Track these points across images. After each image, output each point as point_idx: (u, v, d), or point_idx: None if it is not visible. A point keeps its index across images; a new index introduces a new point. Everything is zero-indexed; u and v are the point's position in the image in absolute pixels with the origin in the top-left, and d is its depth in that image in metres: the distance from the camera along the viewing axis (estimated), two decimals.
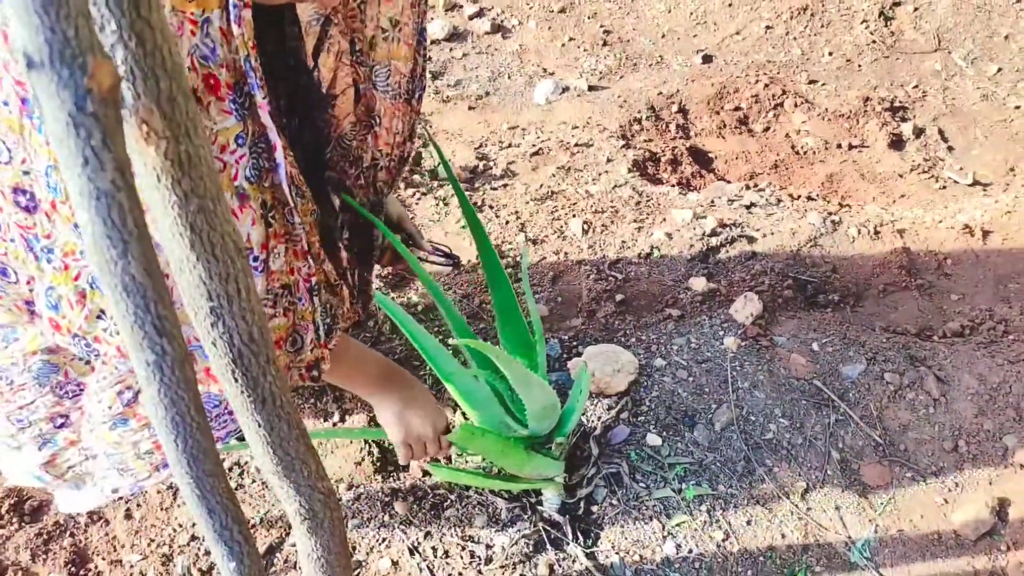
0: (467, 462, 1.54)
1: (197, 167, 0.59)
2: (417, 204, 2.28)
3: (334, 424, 1.58)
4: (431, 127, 2.75)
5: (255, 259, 0.92)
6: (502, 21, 3.48)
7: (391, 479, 1.50)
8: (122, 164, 0.49)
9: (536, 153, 2.61)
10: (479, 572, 1.34)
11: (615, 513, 1.44)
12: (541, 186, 2.39)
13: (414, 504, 1.45)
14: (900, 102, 3.14)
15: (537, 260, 2.06)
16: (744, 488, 1.48)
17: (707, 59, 3.40)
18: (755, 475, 1.49)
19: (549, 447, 1.39)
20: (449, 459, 1.55)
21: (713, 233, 2.10)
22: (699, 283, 1.90)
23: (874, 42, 3.42)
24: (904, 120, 3.07)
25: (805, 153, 3.02)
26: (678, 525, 1.43)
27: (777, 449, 1.53)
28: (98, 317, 0.86)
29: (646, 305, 1.89)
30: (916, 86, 3.23)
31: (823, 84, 3.29)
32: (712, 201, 2.30)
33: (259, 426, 0.82)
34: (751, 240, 2.10)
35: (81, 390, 1.11)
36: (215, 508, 0.81)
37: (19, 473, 1.17)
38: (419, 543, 1.39)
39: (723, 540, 1.41)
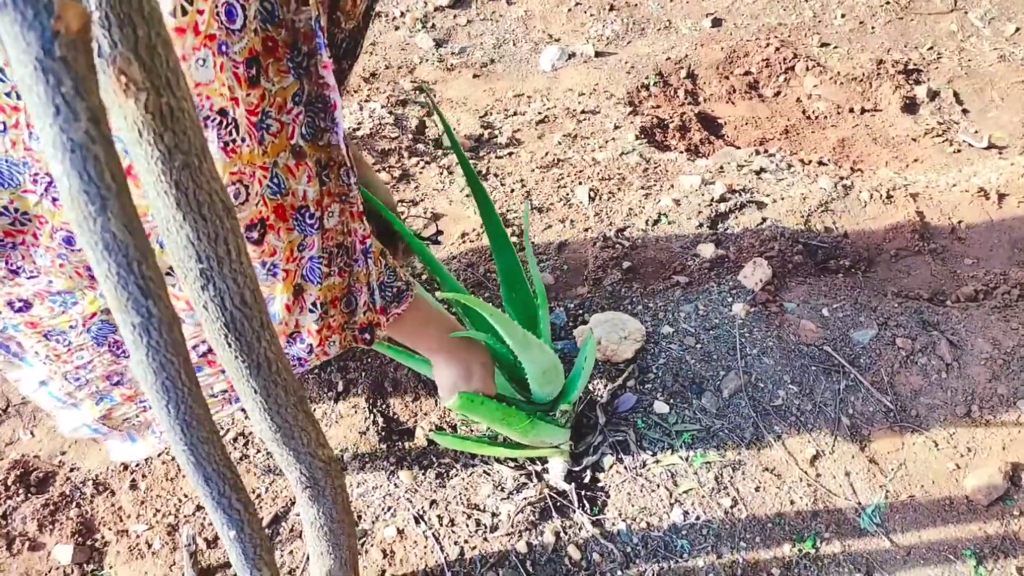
0: (472, 431, 1.53)
1: (180, 121, 0.56)
2: (421, 173, 2.25)
3: (338, 395, 1.57)
4: (435, 96, 2.72)
5: (311, 216, 0.92)
6: None
7: (396, 448, 1.50)
8: (96, 114, 0.46)
9: (542, 121, 2.57)
10: (485, 540, 1.34)
11: (622, 480, 1.43)
12: (547, 154, 2.35)
13: (419, 473, 1.44)
14: (914, 64, 3.07)
15: (543, 228, 2.03)
16: (753, 455, 1.46)
17: (716, 23, 3.33)
18: (764, 441, 1.48)
19: (554, 415, 1.38)
20: (454, 428, 1.54)
21: (722, 199, 2.06)
22: (707, 249, 1.87)
23: (888, 3, 3.34)
24: (918, 83, 3.00)
25: (816, 118, 2.96)
26: (686, 492, 1.41)
27: (786, 415, 1.52)
28: (167, 274, 0.87)
29: (653, 272, 1.86)
30: (931, 48, 3.15)
31: (835, 47, 3.21)
32: (721, 167, 2.26)
33: (255, 392, 0.81)
34: (760, 206, 2.06)
35: None
36: (211, 476, 0.80)
37: (75, 426, 1.16)
38: (424, 512, 1.39)
39: (731, 507, 1.39)
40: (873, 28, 3.27)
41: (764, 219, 2.00)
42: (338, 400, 1.56)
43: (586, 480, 1.44)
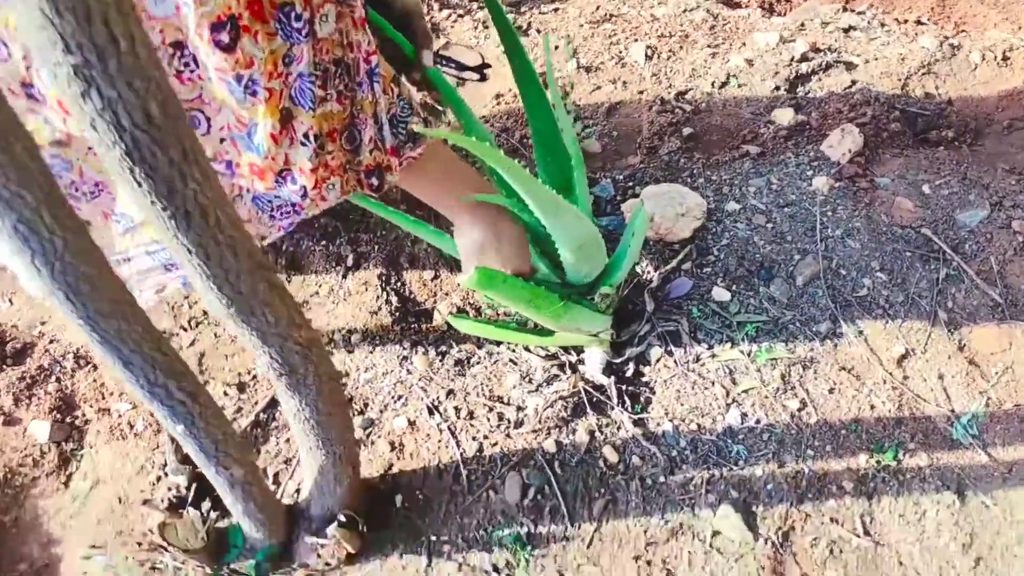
0: (498, 315, 1.33)
1: None
2: (453, 27, 1.97)
3: (347, 270, 1.38)
4: None
5: (297, 17, 0.72)
6: None
7: (411, 330, 1.31)
8: None
9: None
10: (507, 436, 1.16)
11: (670, 376, 1.22)
12: (598, 8, 2.04)
13: (436, 359, 1.26)
14: None
15: (591, 90, 1.75)
16: (828, 351, 1.23)
17: None
18: (842, 337, 1.25)
19: (593, 299, 1.16)
20: (479, 311, 1.34)
21: (803, 58, 1.75)
22: (785, 115, 1.58)
23: None
24: None
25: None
26: (745, 392, 1.20)
27: (871, 308, 1.27)
28: None
29: (718, 141, 1.59)
30: None
31: None
32: (802, 24, 1.92)
33: (190, 253, 0.60)
34: (850, 67, 1.74)
35: (101, 191, 0.91)
36: (132, 359, 0.60)
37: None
38: (440, 402, 1.21)
39: (799, 410, 1.18)
40: None
41: (853, 82, 1.69)
42: (347, 275, 1.37)
43: (628, 374, 1.24)
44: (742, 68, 1.75)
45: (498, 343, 1.27)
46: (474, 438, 1.17)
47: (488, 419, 1.18)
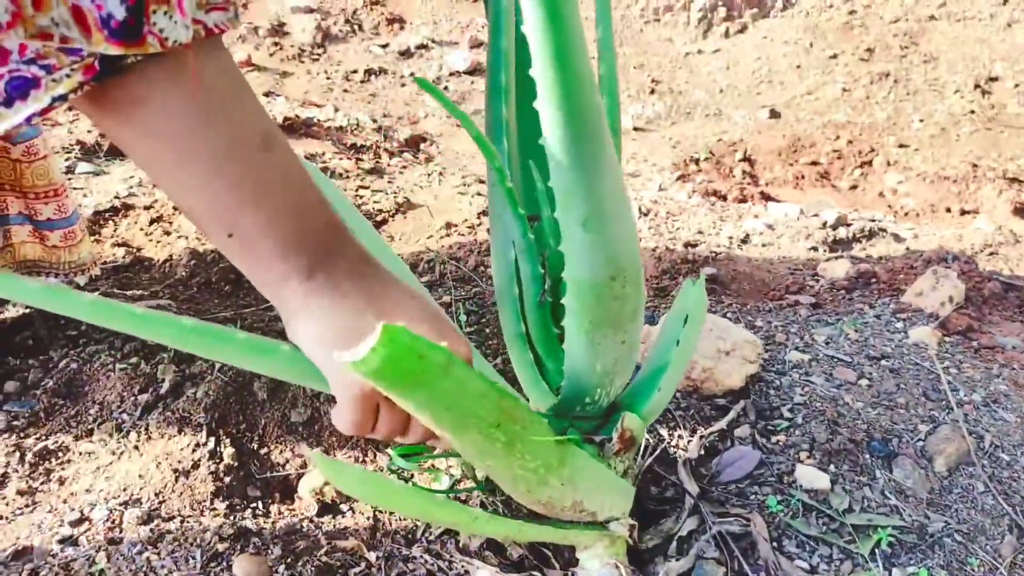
0: (411, 475, 0.73)
1: None
2: (401, 174, 1.59)
3: (156, 400, 0.79)
4: (439, 148, 2.07)
5: None
6: None
7: (245, 511, 0.69)
8: None
9: None
10: None
11: None
12: None
13: (280, 569, 0.63)
14: (1012, 174, 2.52)
15: None
16: None
17: (774, 114, 2.84)
18: None
19: (604, 443, 0.60)
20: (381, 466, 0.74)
21: (839, 224, 1.38)
22: (839, 267, 1.16)
23: (972, 112, 2.87)
24: None
25: (907, 214, 2.36)
26: None
27: None
28: None
29: (752, 291, 1.14)
30: None
31: (916, 149, 2.69)
32: (819, 213, 1.60)
33: None
34: (898, 239, 1.38)
35: None
36: None
37: None
38: None
39: None
40: (958, 136, 2.77)
41: (909, 249, 1.30)
42: (152, 409, 0.78)
43: None
44: (761, 231, 1.37)
45: (408, 537, 0.66)
46: None
47: None
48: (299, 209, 0.43)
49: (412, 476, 0.73)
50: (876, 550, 0.67)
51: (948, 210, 2.43)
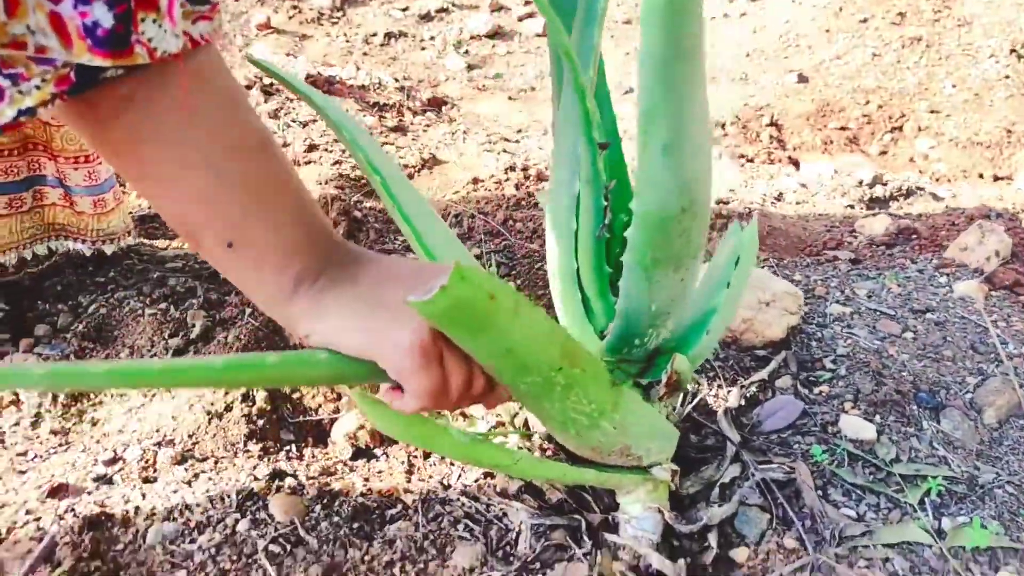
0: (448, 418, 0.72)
1: None
2: (425, 132, 1.57)
3: (187, 344, 0.78)
4: (460, 110, 2.02)
5: None
6: None
7: (278, 455, 0.69)
8: None
9: None
10: None
11: (792, 570, 0.60)
12: None
13: (316, 507, 0.62)
14: None
15: None
16: None
17: (802, 79, 2.78)
18: None
19: (652, 385, 0.59)
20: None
21: (875, 182, 1.35)
22: (879, 224, 1.13)
23: (1007, 77, 2.79)
24: None
25: (938, 180, 2.30)
26: None
27: None
28: None
29: (787, 246, 1.11)
30: None
31: (948, 115, 2.62)
32: (853, 172, 1.56)
33: None
34: (936, 197, 1.34)
35: None
36: None
37: None
38: None
39: None
40: (992, 102, 2.69)
41: (948, 207, 1.27)
42: (184, 351, 0.77)
43: (707, 558, 0.61)
44: (795, 189, 1.34)
45: (444, 483, 0.65)
46: None
47: None
48: (301, 210, 0.42)
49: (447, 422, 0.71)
50: (925, 499, 0.65)
51: (981, 176, 2.37)
